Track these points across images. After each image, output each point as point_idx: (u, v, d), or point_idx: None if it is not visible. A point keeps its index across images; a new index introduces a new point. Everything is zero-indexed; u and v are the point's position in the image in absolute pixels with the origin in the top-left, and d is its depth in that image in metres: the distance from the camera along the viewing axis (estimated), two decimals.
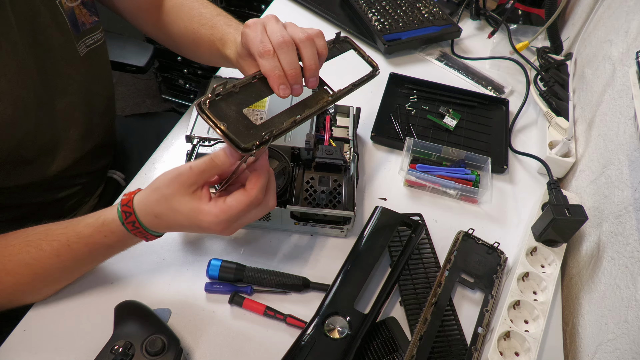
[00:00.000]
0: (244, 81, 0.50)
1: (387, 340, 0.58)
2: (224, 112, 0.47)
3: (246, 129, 0.47)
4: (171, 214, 0.51)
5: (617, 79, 0.72)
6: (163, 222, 0.52)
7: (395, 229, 0.66)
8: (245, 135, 0.46)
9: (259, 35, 0.52)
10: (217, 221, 0.49)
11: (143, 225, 0.52)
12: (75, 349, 0.54)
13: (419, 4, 1.10)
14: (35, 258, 0.53)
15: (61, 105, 0.68)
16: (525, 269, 0.64)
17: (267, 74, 0.51)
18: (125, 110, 1.99)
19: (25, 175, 0.67)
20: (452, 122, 0.87)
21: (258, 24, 0.54)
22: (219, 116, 0.46)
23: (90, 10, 0.69)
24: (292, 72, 0.51)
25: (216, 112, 0.46)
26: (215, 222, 0.49)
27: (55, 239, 0.53)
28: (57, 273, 0.56)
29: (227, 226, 0.50)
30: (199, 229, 0.51)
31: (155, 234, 0.54)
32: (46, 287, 0.57)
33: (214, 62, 0.74)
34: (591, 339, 0.59)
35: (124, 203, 0.52)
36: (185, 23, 0.73)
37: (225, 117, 0.46)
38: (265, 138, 0.47)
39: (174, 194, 0.50)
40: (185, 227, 0.52)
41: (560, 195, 0.67)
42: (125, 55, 1.03)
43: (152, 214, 0.52)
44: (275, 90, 0.51)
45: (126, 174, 0.91)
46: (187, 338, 0.57)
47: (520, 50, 0.99)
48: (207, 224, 0.50)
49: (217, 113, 0.46)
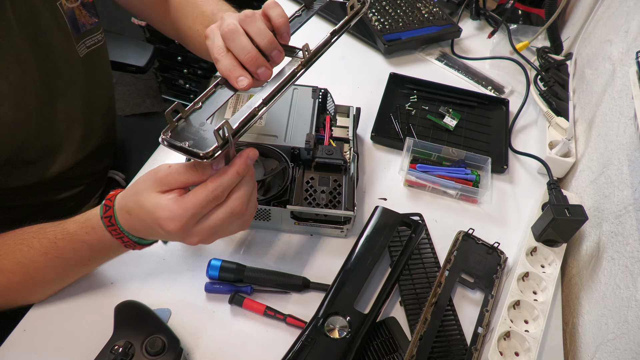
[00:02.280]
0: (207, 93, 0.49)
1: (387, 340, 0.58)
2: (189, 131, 0.45)
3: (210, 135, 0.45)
4: (137, 210, 0.47)
5: (617, 79, 0.72)
6: (133, 220, 0.49)
7: (395, 229, 0.66)
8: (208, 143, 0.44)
9: (216, 41, 0.49)
10: (173, 216, 0.45)
11: (118, 223, 0.49)
12: (75, 349, 0.54)
13: (419, 4, 1.10)
14: (27, 256, 0.52)
15: (62, 106, 0.68)
16: (525, 269, 0.64)
17: (224, 75, 0.48)
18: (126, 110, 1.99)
19: (27, 176, 0.67)
20: (452, 122, 0.87)
21: (215, 29, 0.50)
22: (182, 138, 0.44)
23: (90, 12, 0.69)
24: (247, 57, 0.47)
25: (180, 136, 0.45)
26: (170, 218, 0.45)
27: (45, 236, 0.52)
28: (45, 272, 0.54)
29: (185, 226, 0.45)
30: (159, 228, 0.46)
31: (130, 237, 0.51)
32: (37, 288, 0.56)
33: None
34: (591, 339, 0.59)
35: (108, 197, 0.50)
36: (189, 23, 0.73)
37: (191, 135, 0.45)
38: (225, 137, 0.44)
39: (145, 188, 0.47)
40: (149, 227, 0.48)
41: (560, 195, 0.67)
42: (125, 55, 1.03)
43: (125, 209, 0.49)
44: (235, 85, 0.47)
45: (126, 174, 0.91)
46: (187, 338, 0.57)
47: (520, 50, 0.99)
48: (164, 220, 0.45)
49: (181, 137, 0.45)
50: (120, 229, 0.50)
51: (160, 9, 0.75)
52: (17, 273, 0.53)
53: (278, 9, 0.50)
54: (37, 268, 0.53)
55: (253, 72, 0.48)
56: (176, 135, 0.45)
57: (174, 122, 0.46)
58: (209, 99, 0.49)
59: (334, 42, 0.53)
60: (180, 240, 0.48)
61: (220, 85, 0.50)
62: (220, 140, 0.44)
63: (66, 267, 0.55)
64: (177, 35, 0.78)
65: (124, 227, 0.50)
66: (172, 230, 0.45)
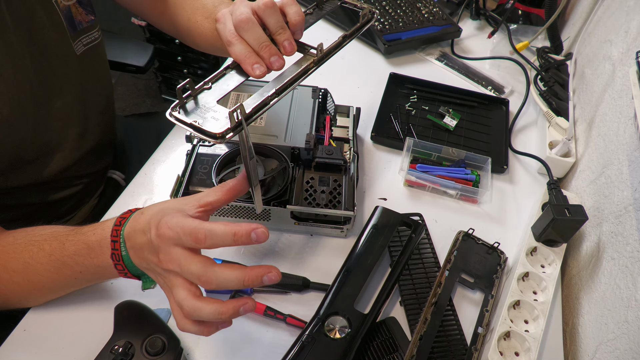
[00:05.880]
0: (217, 75, 0.49)
1: (387, 340, 0.58)
2: (197, 110, 0.45)
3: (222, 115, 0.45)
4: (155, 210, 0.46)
5: (617, 79, 0.72)
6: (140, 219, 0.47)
7: (395, 229, 0.66)
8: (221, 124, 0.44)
9: (228, 25, 0.50)
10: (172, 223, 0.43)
11: (124, 225, 0.48)
12: (75, 349, 0.54)
13: (419, 4, 1.10)
14: (34, 257, 0.51)
15: (58, 104, 0.67)
16: (525, 269, 0.64)
17: (238, 60, 0.48)
18: (125, 110, 1.99)
19: (25, 175, 0.67)
20: (452, 122, 0.87)
21: (227, 14, 0.51)
22: (191, 116, 0.45)
23: (87, 9, 0.69)
24: (261, 47, 0.48)
25: (188, 114, 0.45)
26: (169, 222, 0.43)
27: (57, 239, 0.52)
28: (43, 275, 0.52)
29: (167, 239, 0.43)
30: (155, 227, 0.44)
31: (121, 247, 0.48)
32: (34, 291, 0.54)
33: (220, 54, 0.74)
34: (591, 339, 0.59)
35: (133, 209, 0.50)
36: (188, 15, 0.73)
37: (200, 114, 0.45)
38: (239, 118, 0.44)
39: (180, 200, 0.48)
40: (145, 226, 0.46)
41: (560, 195, 0.67)
42: (125, 55, 1.03)
43: (143, 210, 0.48)
44: (250, 71, 0.48)
45: (126, 174, 0.91)
46: (187, 338, 0.57)
47: (520, 50, 0.99)
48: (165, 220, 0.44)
49: (189, 115, 0.45)
50: (121, 231, 0.48)
51: (159, 4, 0.75)
52: (19, 273, 0.52)
53: (296, 7, 0.51)
54: (37, 270, 0.52)
55: (266, 61, 0.48)
56: (185, 112, 0.45)
57: (183, 98, 0.45)
58: (219, 81, 0.49)
59: (345, 45, 0.56)
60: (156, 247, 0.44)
61: (231, 69, 0.50)
62: (234, 122, 0.44)
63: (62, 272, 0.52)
64: (176, 29, 0.77)
65: (126, 231, 0.48)
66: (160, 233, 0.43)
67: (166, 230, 0.43)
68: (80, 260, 0.50)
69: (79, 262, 0.51)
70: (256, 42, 0.48)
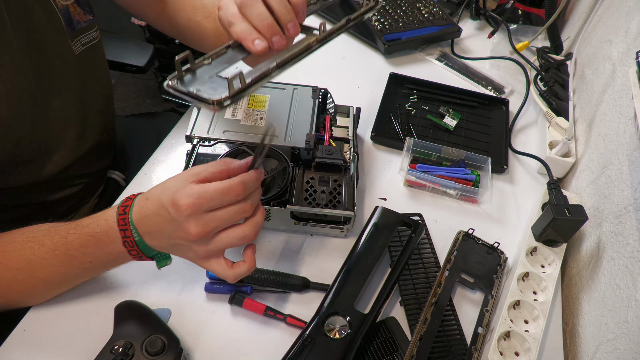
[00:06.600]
0: (217, 52, 0.48)
1: (387, 340, 0.58)
2: (196, 82, 0.45)
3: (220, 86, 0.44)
4: (158, 192, 0.48)
5: (617, 79, 0.72)
6: (148, 205, 0.49)
7: (395, 229, 0.66)
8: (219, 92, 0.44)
9: (230, 9, 0.49)
10: (191, 192, 0.45)
11: (130, 212, 0.49)
12: (75, 349, 0.54)
13: (419, 4, 1.10)
14: (36, 254, 0.52)
15: (57, 104, 0.67)
16: (525, 269, 0.64)
17: (239, 38, 0.48)
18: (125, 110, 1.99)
19: (24, 175, 0.67)
20: (452, 122, 0.87)
21: (229, 1, 0.51)
22: (189, 87, 0.44)
23: (85, 9, 0.68)
24: (263, 23, 0.47)
25: (186, 85, 0.45)
26: (188, 194, 0.45)
27: (58, 233, 0.52)
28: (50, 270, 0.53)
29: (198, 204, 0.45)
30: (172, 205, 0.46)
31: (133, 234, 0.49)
32: (39, 287, 0.55)
33: None
34: (591, 339, 0.59)
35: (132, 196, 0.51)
36: (188, 14, 0.73)
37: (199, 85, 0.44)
38: (239, 87, 0.43)
39: (177, 176, 0.49)
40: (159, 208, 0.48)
41: (560, 195, 0.67)
42: (125, 55, 1.03)
43: (146, 195, 0.49)
44: (250, 47, 0.47)
45: (126, 174, 0.91)
46: (187, 338, 0.57)
47: (520, 50, 0.99)
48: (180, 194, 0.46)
49: (187, 85, 0.44)
50: (129, 219, 0.49)
51: (158, 4, 0.75)
52: (22, 270, 0.52)
53: None
54: (42, 266, 0.52)
55: (268, 40, 0.48)
56: (183, 83, 0.45)
57: (182, 70, 0.45)
58: (219, 58, 0.48)
59: (348, 28, 0.55)
60: (184, 222, 0.46)
61: (232, 48, 0.49)
62: (233, 90, 0.43)
63: (70, 265, 0.53)
64: (175, 29, 0.77)
65: (134, 218, 0.49)
66: (184, 205, 0.45)
67: (193, 200, 0.45)
68: (90, 251, 0.52)
69: (87, 253, 0.52)
70: (259, 18, 0.48)
